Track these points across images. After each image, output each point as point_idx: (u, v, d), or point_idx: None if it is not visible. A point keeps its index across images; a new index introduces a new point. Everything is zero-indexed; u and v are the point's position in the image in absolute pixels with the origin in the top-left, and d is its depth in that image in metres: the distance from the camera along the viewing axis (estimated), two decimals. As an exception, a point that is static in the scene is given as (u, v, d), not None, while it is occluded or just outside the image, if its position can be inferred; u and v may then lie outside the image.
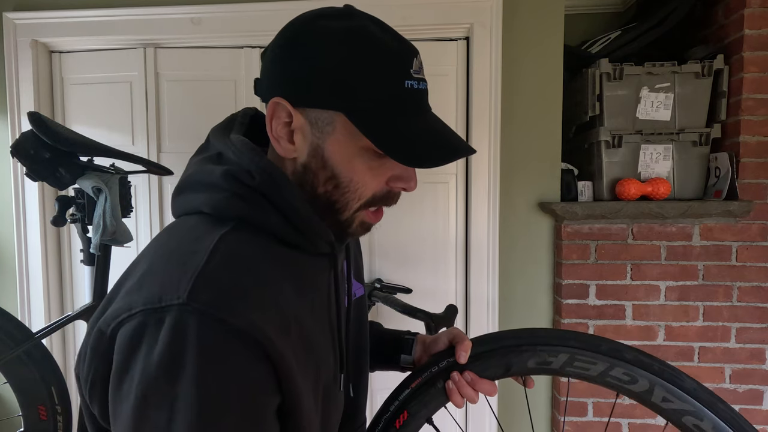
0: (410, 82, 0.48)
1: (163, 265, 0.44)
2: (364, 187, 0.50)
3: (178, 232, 0.49)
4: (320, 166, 0.49)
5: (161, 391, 0.38)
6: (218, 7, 1.55)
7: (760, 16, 1.42)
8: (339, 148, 0.48)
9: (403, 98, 0.48)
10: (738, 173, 1.45)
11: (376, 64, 0.47)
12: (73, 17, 1.59)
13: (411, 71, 0.48)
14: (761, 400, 1.49)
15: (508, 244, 1.59)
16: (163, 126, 1.66)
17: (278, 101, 0.48)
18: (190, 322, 0.38)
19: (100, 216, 1.06)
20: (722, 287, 1.48)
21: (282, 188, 0.48)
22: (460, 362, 0.63)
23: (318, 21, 0.48)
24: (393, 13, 1.52)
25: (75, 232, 1.24)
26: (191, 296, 0.39)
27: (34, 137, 0.99)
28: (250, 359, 0.41)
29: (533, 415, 1.62)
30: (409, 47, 0.50)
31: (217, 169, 0.49)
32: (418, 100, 0.49)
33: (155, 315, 0.39)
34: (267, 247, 0.48)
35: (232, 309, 0.40)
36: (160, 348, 0.38)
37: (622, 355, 0.61)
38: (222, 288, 0.41)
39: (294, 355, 0.44)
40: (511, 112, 1.56)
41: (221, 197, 0.48)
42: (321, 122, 0.48)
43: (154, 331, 0.39)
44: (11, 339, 1.11)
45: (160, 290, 0.40)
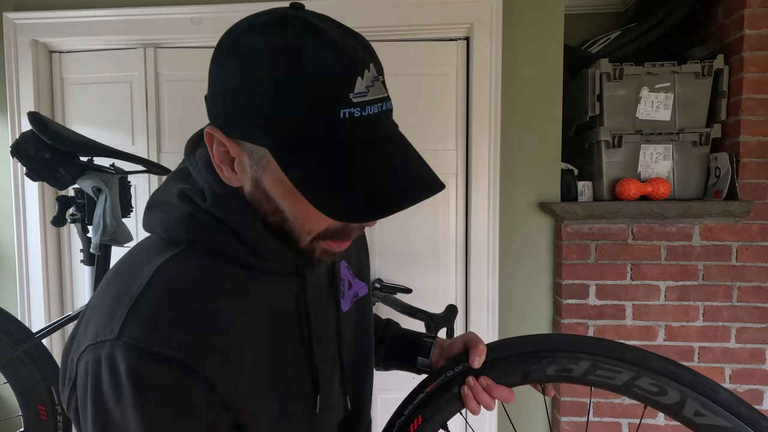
0: (348, 111, 0.39)
1: (106, 297, 0.45)
2: (313, 223, 0.46)
3: (131, 256, 0.50)
4: (264, 198, 0.45)
5: (114, 422, 0.41)
6: (218, 7, 1.55)
7: (760, 16, 1.42)
8: (276, 184, 0.43)
9: (336, 132, 0.39)
10: (738, 173, 1.45)
11: (302, 92, 0.38)
12: (73, 17, 1.59)
13: (350, 96, 0.39)
14: (761, 400, 1.49)
15: (508, 244, 1.59)
16: (163, 126, 1.66)
17: (212, 132, 0.44)
18: (122, 357, 0.40)
19: (100, 216, 1.06)
20: (722, 287, 1.48)
21: (231, 211, 0.46)
22: (473, 367, 0.61)
23: (244, 37, 0.42)
24: (392, 13, 1.52)
25: (75, 232, 1.24)
26: (121, 331, 0.40)
27: (34, 137, 0.99)
28: (187, 383, 0.41)
29: (533, 415, 1.62)
30: (354, 62, 0.39)
31: (176, 187, 0.48)
32: (363, 128, 0.40)
33: (95, 352, 0.41)
34: (218, 269, 0.46)
35: (161, 338, 0.40)
36: (103, 383, 0.40)
37: (649, 364, 0.57)
38: (152, 318, 0.41)
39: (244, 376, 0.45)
40: (511, 112, 1.56)
41: (174, 219, 0.47)
42: (256, 155, 0.43)
43: (96, 367, 0.41)
44: (11, 339, 1.11)
45: (97, 327, 0.42)
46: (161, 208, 0.49)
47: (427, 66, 1.59)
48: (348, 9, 1.53)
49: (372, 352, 0.70)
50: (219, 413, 0.43)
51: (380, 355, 0.77)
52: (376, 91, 0.41)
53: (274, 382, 0.49)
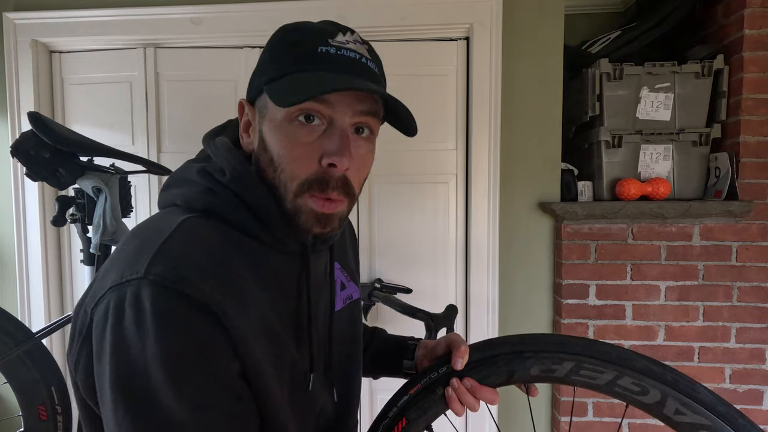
0: (325, 48, 0.49)
1: (129, 247, 0.47)
2: (294, 164, 0.49)
3: (150, 220, 0.52)
4: (263, 149, 0.52)
5: (132, 358, 0.41)
6: (218, 7, 1.55)
7: (760, 16, 1.42)
8: (269, 125, 0.51)
9: (313, 60, 0.49)
10: (738, 173, 1.45)
11: (293, 39, 0.50)
12: (73, 17, 1.59)
13: (330, 40, 0.49)
14: (761, 400, 1.49)
15: (508, 244, 1.59)
16: (163, 126, 1.66)
17: (241, 101, 0.55)
18: (147, 293, 0.41)
19: (100, 216, 1.06)
20: (722, 287, 1.48)
21: (250, 186, 0.51)
22: (456, 369, 0.61)
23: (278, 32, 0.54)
24: (393, 13, 1.52)
25: (75, 232, 1.24)
26: (148, 270, 0.42)
27: (34, 137, 0.99)
28: (204, 323, 0.43)
29: (535, 411, 1.62)
30: (339, 25, 0.51)
31: (195, 165, 0.53)
32: (339, 62, 0.49)
33: (119, 291, 0.43)
34: (231, 236, 0.50)
35: (185, 279, 0.43)
36: (126, 319, 0.42)
37: (632, 364, 0.57)
38: (178, 261, 0.44)
39: (251, 330, 0.46)
40: (511, 112, 1.56)
41: (193, 191, 0.51)
42: (262, 109, 0.52)
43: (119, 304, 0.42)
44: (11, 339, 1.11)
45: (123, 269, 0.44)
46: (180, 185, 0.54)
47: (427, 66, 1.59)
48: (348, 9, 1.53)
49: (360, 354, 0.71)
50: (231, 359, 0.45)
51: (368, 360, 0.78)
52: (357, 47, 0.51)
53: (274, 347, 0.50)
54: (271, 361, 0.49)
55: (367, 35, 1.57)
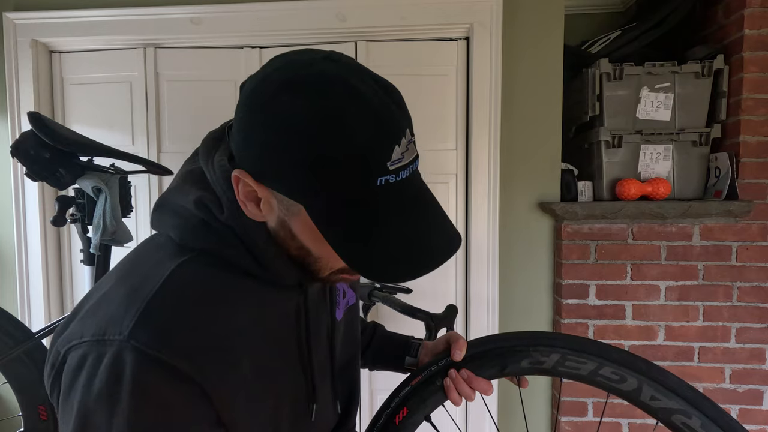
0: (384, 178, 0.41)
1: (115, 292, 0.44)
2: (337, 261, 0.48)
3: (142, 254, 0.50)
4: (289, 237, 0.47)
5: (96, 423, 0.39)
6: (218, 7, 1.55)
7: (760, 16, 1.42)
8: (305, 230, 0.45)
9: (371, 198, 0.41)
10: (738, 173, 1.45)
11: (342, 161, 0.39)
12: (73, 17, 1.59)
13: (388, 164, 0.40)
14: (761, 400, 1.49)
15: (508, 244, 1.59)
16: (163, 126, 1.66)
17: (239, 177, 0.44)
18: (128, 360, 0.39)
19: (100, 216, 1.06)
20: (722, 287, 1.48)
21: (249, 228, 0.47)
22: (455, 359, 0.66)
23: (281, 95, 0.40)
24: (393, 13, 1.52)
25: (75, 232, 1.24)
26: (132, 333, 0.40)
27: (34, 137, 0.99)
28: (189, 398, 0.41)
29: (533, 415, 1.62)
30: (393, 131, 0.41)
31: (192, 192, 0.48)
32: (397, 194, 0.42)
33: (97, 348, 0.40)
34: (227, 278, 0.48)
35: (171, 348, 0.40)
36: (98, 382, 0.39)
37: (610, 355, 0.63)
38: (164, 325, 0.41)
39: (242, 389, 0.45)
40: (511, 112, 1.56)
41: (190, 225, 0.47)
42: (286, 202, 0.44)
43: (95, 363, 0.40)
44: (11, 339, 1.11)
45: (106, 323, 0.41)
46: (176, 212, 0.49)
47: (427, 66, 1.59)
48: (348, 9, 1.53)
49: (359, 356, 0.73)
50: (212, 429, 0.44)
51: (369, 357, 0.81)
52: (409, 155, 0.42)
53: (271, 392, 0.50)
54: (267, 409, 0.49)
55: (367, 35, 1.57)
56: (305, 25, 1.55)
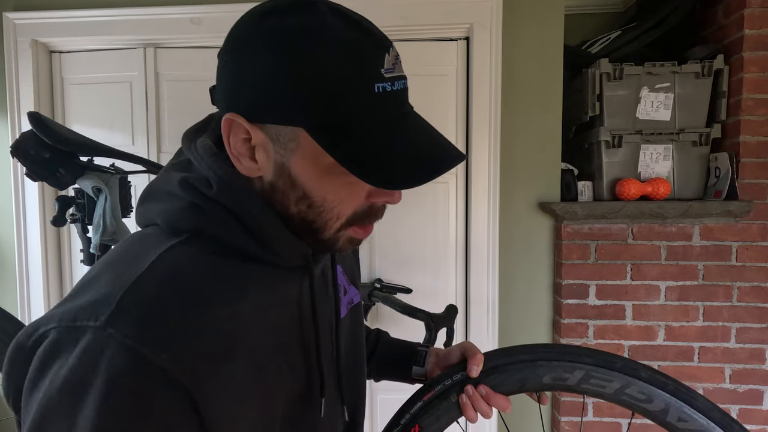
0: (381, 85, 0.40)
1: (96, 279, 0.40)
2: (342, 205, 0.45)
3: (129, 243, 0.45)
4: (288, 185, 0.44)
5: (61, 413, 0.35)
6: (218, 7, 1.55)
7: (760, 16, 1.42)
8: (306, 166, 0.42)
9: (373, 106, 0.41)
10: (738, 173, 1.45)
11: (338, 68, 0.39)
12: (73, 17, 1.59)
13: (382, 71, 0.40)
14: (761, 400, 1.49)
15: (508, 244, 1.59)
16: (163, 126, 1.66)
17: (232, 118, 0.42)
18: (104, 350, 0.35)
19: (100, 216, 1.06)
20: (722, 287, 1.48)
21: (242, 200, 0.43)
22: (471, 376, 0.62)
23: (267, 19, 0.41)
24: (392, 13, 1.52)
25: (75, 232, 1.24)
26: (110, 321, 0.35)
27: (34, 137, 0.99)
28: (167, 402, 0.36)
29: (533, 415, 1.62)
30: (380, 40, 0.41)
31: (176, 176, 0.45)
32: (393, 103, 0.42)
33: (70, 334, 0.36)
34: (221, 263, 0.43)
35: (153, 340, 0.36)
36: (68, 370, 0.35)
37: (638, 374, 0.61)
38: (146, 313, 0.37)
39: (232, 384, 0.40)
40: (511, 112, 1.56)
41: (175, 208, 0.44)
42: (283, 138, 0.42)
43: (67, 351, 0.36)
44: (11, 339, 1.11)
45: (80, 307, 0.37)
46: (160, 199, 0.46)
47: (427, 66, 1.59)
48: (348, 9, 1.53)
49: (365, 361, 0.68)
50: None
51: (373, 365, 0.76)
52: (399, 69, 0.43)
53: (268, 390, 0.45)
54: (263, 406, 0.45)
55: (367, 35, 1.57)
56: (305, 25, 1.55)
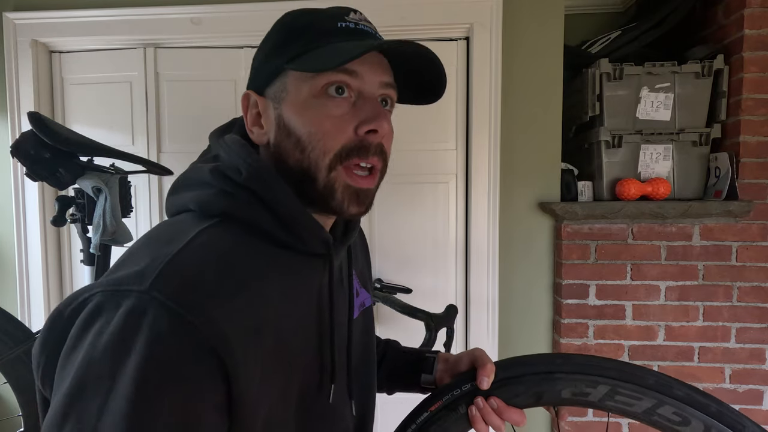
0: (344, 23, 0.49)
1: (137, 253, 0.42)
2: (327, 137, 0.48)
3: (164, 226, 0.48)
4: (285, 134, 0.50)
5: (102, 374, 0.36)
6: (218, 7, 1.55)
7: (760, 16, 1.42)
8: (293, 107, 0.49)
9: (336, 34, 0.49)
10: (738, 173, 1.45)
11: (311, 20, 0.50)
12: (73, 17, 1.59)
13: (346, 17, 0.49)
14: (761, 400, 1.49)
15: (508, 244, 1.59)
16: (163, 126, 1.66)
17: (246, 93, 0.53)
18: (147, 311, 0.36)
19: (100, 216, 1.06)
20: (722, 287, 1.48)
21: (270, 184, 0.47)
22: (481, 388, 0.58)
23: None
24: (392, 13, 1.52)
25: (75, 232, 1.24)
26: (153, 284, 0.37)
27: (34, 137, 0.99)
28: (202, 368, 0.38)
29: (534, 415, 1.62)
30: (349, 8, 0.51)
31: (206, 166, 0.49)
32: (359, 35, 0.49)
33: (114, 297, 0.38)
34: (251, 244, 0.46)
35: (192, 304, 0.38)
36: (111, 331, 0.36)
37: (673, 392, 0.54)
38: (187, 280, 0.39)
39: (258, 359, 0.42)
40: (511, 112, 1.56)
41: (208, 193, 0.47)
42: (278, 93, 0.50)
43: (110, 313, 0.37)
44: (11, 339, 1.11)
45: (125, 275, 0.39)
46: (192, 188, 0.50)
47: (427, 66, 1.59)
48: (348, 9, 1.53)
49: (375, 366, 0.68)
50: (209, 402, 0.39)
51: (383, 374, 0.74)
52: (368, 24, 0.51)
53: (285, 370, 0.47)
54: (279, 384, 0.46)
55: (367, 35, 1.57)
56: (305, 25, 1.55)
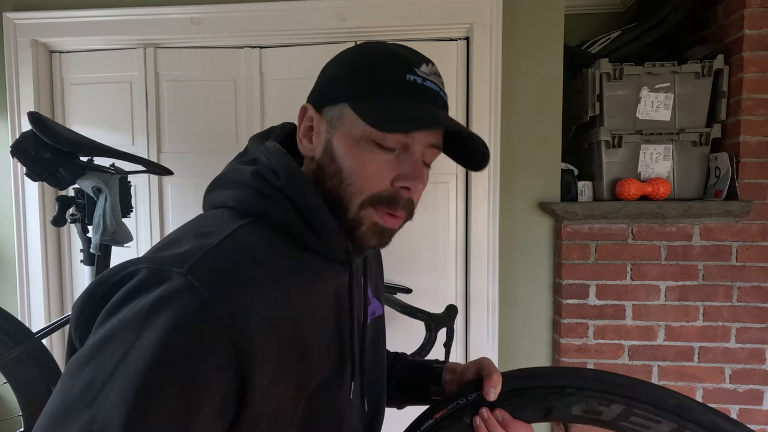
0: (413, 77, 0.50)
1: (179, 240, 0.46)
2: (366, 180, 0.51)
3: (203, 218, 0.52)
4: (329, 160, 0.52)
5: (123, 337, 0.38)
6: (218, 7, 1.55)
7: (760, 16, 1.42)
8: (343, 140, 0.51)
9: (402, 88, 0.50)
10: (738, 173, 1.45)
11: (381, 61, 0.51)
12: (73, 17, 1.59)
13: (416, 69, 0.51)
14: (761, 400, 1.49)
15: (508, 244, 1.59)
16: (163, 126, 1.66)
17: (305, 106, 0.55)
18: (181, 291, 0.40)
19: (100, 216, 1.06)
20: (722, 287, 1.48)
21: (304, 190, 0.51)
22: (487, 399, 0.57)
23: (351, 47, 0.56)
24: (393, 13, 1.52)
25: (75, 232, 1.24)
26: (191, 269, 0.41)
27: (34, 137, 0.99)
28: (214, 349, 0.40)
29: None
30: (422, 56, 0.53)
31: (247, 168, 0.53)
32: (422, 95, 0.50)
33: (157, 274, 0.41)
34: (281, 245, 0.50)
35: (221, 293, 0.41)
36: (144, 302, 0.39)
37: (696, 417, 0.50)
38: (220, 271, 0.42)
39: (275, 354, 0.44)
40: (511, 113, 1.56)
41: (247, 193, 0.51)
42: (334, 119, 0.52)
43: (151, 287, 0.40)
44: (11, 339, 1.11)
45: (167, 257, 0.42)
46: (231, 187, 0.53)
47: (427, 66, 1.59)
48: (348, 9, 1.53)
49: (385, 376, 0.68)
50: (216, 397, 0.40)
51: (391, 385, 0.75)
52: (435, 78, 0.53)
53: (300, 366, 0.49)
54: (294, 382, 0.48)
55: (367, 35, 1.57)
56: (305, 25, 1.56)
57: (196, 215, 0.54)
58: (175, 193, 1.67)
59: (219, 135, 1.64)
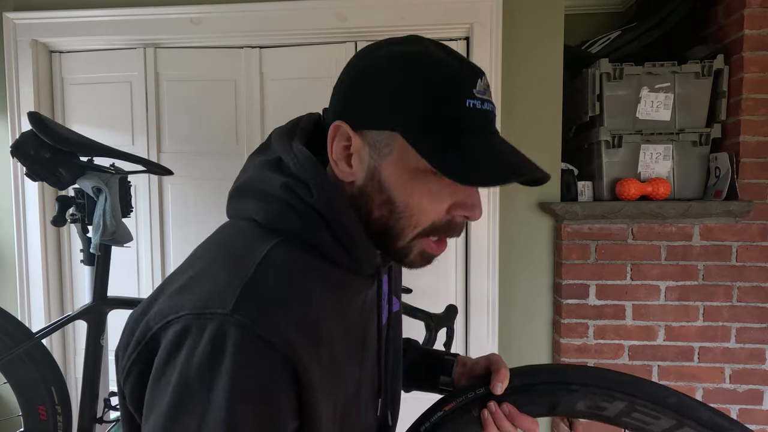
0: (472, 102, 0.46)
1: (212, 270, 0.44)
2: (421, 214, 0.48)
3: (229, 236, 0.50)
4: (376, 189, 0.48)
5: (195, 396, 0.39)
6: (218, 7, 1.55)
7: (760, 16, 1.42)
8: (395, 170, 0.47)
9: (464, 118, 0.46)
10: (738, 173, 1.45)
11: (436, 83, 0.46)
12: (73, 17, 1.60)
13: (474, 91, 0.46)
14: (761, 400, 1.49)
15: (508, 244, 1.59)
16: (163, 126, 1.66)
17: (339, 124, 0.48)
18: (231, 334, 0.39)
19: (100, 216, 1.06)
20: (722, 287, 1.48)
21: (337, 209, 0.48)
22: (495, 393, 0.59)
23: (381, 49, 0.48)
24: (393, 13, 1.52)
25: (75, 232, 1.24)
26: (236, 308, 0.40)
27: (34, 137, 0.99)
28: (283, 383, 0.41)
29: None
30: (474, 68, 0.48)
31: (276, 178, 0.49)
32: (482, 120, 0.47)
33: (200, 321, 0.40)
34: (312, 263, 0.48)
35: (273, 326, 0.40)
36: (200, 355, 0.39)
37: (694, 414, 0.52)
38: (266, 303, 0.41)
39: (320, 377, 0.44)
40: (511, 112, 1.56)
41: (276, 208, 0.48)
42: (379, 144, 0.47)
43: (197, 336, 0.40)
44: (11, 339, 1.11)
45: (207, 297, 0.41)
46: (259, 197, 0.50)
47: (427, 66, 1.59)
48: (348, 9, 1.53)
49: (401, 368, 0.69)
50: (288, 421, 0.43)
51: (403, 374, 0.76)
52: (488, 95, 0.48)
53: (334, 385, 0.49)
54: (331, 401, 0.48)
55: (367, 35, 1.57)
56: (305, 25, 1.56)
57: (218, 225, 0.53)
58: (175, 193, 1.67)
59: (219, 135, 1.64)
